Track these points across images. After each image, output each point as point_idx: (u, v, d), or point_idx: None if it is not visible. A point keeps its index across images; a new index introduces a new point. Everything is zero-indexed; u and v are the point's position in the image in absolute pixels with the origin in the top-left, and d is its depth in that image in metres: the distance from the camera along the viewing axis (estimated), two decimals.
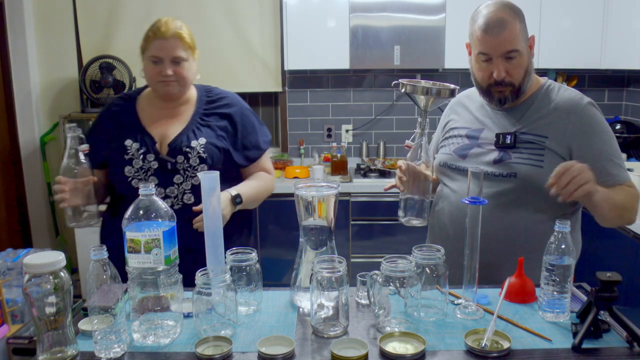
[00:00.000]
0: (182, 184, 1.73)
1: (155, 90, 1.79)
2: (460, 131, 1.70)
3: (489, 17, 1.51)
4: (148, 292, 1.17)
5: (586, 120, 1.55)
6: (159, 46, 1.73)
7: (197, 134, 1.78)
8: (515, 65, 1.53)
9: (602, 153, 1.53)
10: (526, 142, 1.57)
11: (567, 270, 1.23)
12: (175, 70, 1.74)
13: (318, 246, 1.34)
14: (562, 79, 3.65)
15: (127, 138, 1.75)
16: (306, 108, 3.89)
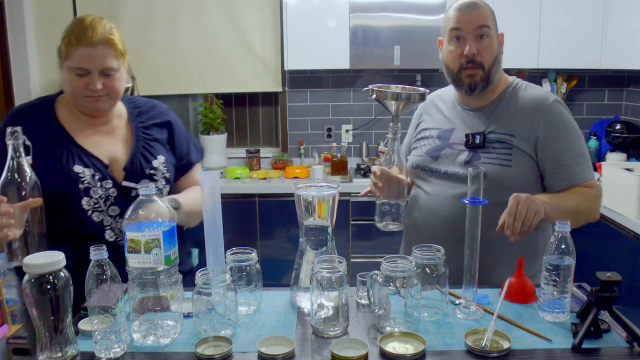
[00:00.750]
0: None
1: (80, 106, 1.51)
2: (431, 132, 1.71)
3: (462, 1, 1.60)
4: (148, 292, 1.17)
5: (551, 118, 1.57)
6: (86, 55, 1.43)
7: (152, 152, 1.60)
8: (485, 46, 1.58)
9: (566, 151, 1.54)
10: (495, 141, 1.59)
11: (567, 270, 1.23)
12: (105, 83, 1.46)
13: (318, 246, 1.34)
14: (562, 79, 3.65)
15: (73, 163, 1.47)
16: (306, 108, 3.89)
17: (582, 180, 1.54)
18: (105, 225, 1.51)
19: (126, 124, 1.62)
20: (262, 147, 3.98)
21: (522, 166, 1.55)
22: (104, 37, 1.46)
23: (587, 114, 3.83)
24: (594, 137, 3.57)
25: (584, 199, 1.54)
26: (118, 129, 1.60)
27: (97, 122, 1.56)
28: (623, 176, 2.65)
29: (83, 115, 1.54)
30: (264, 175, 3.58)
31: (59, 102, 1.56)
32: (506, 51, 3.70)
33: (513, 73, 3.77)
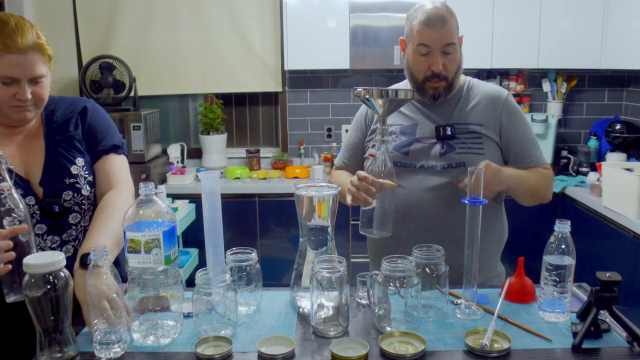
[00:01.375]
0: (79, 222, 1.44)
1: (2, 117, 1.36)
2: (392, 128, 1.70)
3: (430, 13, 1.59)
4: (148, 292, 1.17)
5: (510, 108, 1.67)
6: (14, 63, 1.29)
7: (69, 156, 1.44)
8: (451, 60, 1.60)
9: (525, 138, 1.67)
10: (464, 132, 1.64)
11: (567, 270, 1.23)
12: (34, 91, 1.33)
13: (318, 246, 1.34)
14: (562, 79, 3.65)
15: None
16: (306, 108, 3.89)
17: (540, 162, 1.67)
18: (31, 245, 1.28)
19: (39, 130, 1.47)
20: (262, 147, 3.98)
21: (492, 153, 1.64)
22: (34, 43, 1.32)
23: (587, 114, 3.84)
24: (594, 137, 3.57)
25: (543, 178, 1.65)
26: (33, 139, 1.45)
27: (14, 132, 1.41)
28: (623, 176, 2.65)
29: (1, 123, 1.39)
30: (264, 175, 3.58)
31: None
32: (506, 51, 3.70)
33: (513, 73, 3.80)
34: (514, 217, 3.08)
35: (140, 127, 3.36)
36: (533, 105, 3.79)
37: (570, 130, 3.86)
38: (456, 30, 1.61)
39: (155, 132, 3.60)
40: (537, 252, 1.44)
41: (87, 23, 3.67)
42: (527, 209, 1.82)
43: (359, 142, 1.79)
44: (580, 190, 3.16)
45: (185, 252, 3.27)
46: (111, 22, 3.64)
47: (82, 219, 1.46)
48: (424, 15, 1.59)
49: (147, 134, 3.44)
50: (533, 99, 3.78)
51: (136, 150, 3.38)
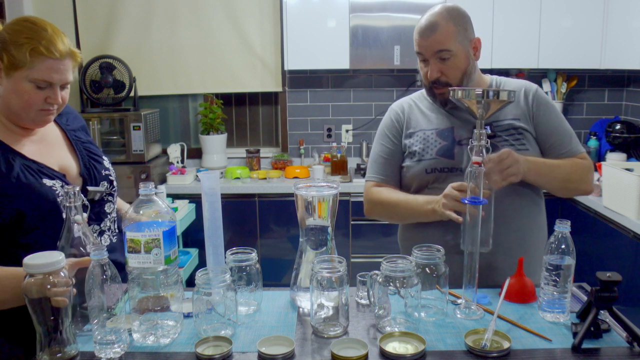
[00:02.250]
0: (111, 212, 1.52)
1: (25, 119, 1.36)
2: (427, 133, 1.66)
3: (422, 22, 1.60)
4: (148, 292, 1.17)
5: (541, 100, 1.66)
6: (54, 68, 1.32)
7: (97, 153, 1.54)
8: (449, 66, 1.58)
9: (558, 127, 1.64)
10: (503, 129, 1.61)
11: (567, 270, 1.23)
12: (62, 96, 1.38)
13: (318, 246, 1.34)
14: (562, 79, 3.65)
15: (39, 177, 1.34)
16: (306, 108, 3.89)
17: (574, 152, 1.63)
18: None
19: (54, 127, 1.50)
20: (262, 147, 3.98)
21: (534, 147, 1.62)
22: (71, 51, 1.37)
23: (587, 114, 3.84)
24: (594, 137, 3.57)
25: (577, 169, 1.61)
26: (48, 135, 1.47)
27: (29, 133, 1.42)
28: (623, 176, 2.65)
29: (13, 126, 1.38)
30: (264, 175, 3.58)
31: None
32: (506, 51, 3.70)
33: (513, 73, 3.80)
34: None
35: (140, 127, 3.36)
36: None
37: None
38: (455, 36, 1.57)
39: (155, 132, 3.61)
40: None
41: (87, 23, 3.67)
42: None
43: (395, 149, 1.71)
44: None
45: (185, 252, 3.28)
46: (111, 22, 3.64)
47: (113, 210, 1.54)
48: (418, 25, 1.61)
49: (147, 134, 3.44)
50: None
51: (136, 150, 3.38)
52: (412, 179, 1.67)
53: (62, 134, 1.51)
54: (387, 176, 1.71)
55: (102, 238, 1.48)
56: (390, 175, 1.71)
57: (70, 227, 1.21)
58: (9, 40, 1.30)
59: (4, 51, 1.30)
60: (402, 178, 1.71)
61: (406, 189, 1.70)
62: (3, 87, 1.33)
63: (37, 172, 1.35)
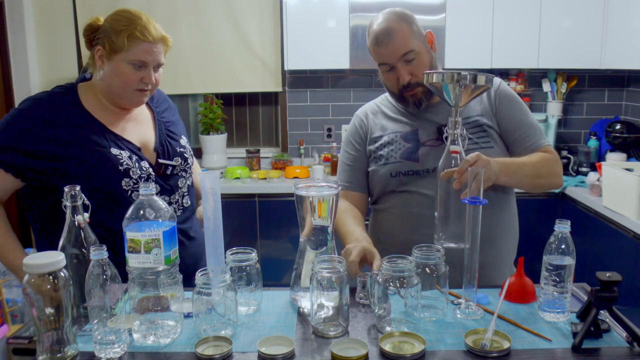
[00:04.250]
0: (182, 187, 1.67)
1: (123, 98, 1.56)
2: (391, 136, 1.66)
3: (376, 31, 1.57)
4: (148, 292, 1.17)
5: (503, 94, 1.64)
6: (147, 50, 1.51)
7: (175, 132, 1.70)
8: (417, 65, 1.57)
9: (522, 121, 1.62)
10: (468, 127, 1.59)
11: (567, 270, 1.23)
12: (155, 77, 1.57)
13: (318, 246, 1.34)
14: (562, 79, 3.65)
15: (109, 146, 1.52)
16: (306, 108, 3.89)
17: (540, 145, 1.61)
18: None
19: (145, 108, 1.70)
20: (262, 147, 3.98)
21: (500, 144, 1.61)
22: (163, 36, 1.56)
23: (587, 114, 3.84)
24: (594, 137, 3.57)
25: (545, 163, 1.57)
26: (140, 115, 1.66)
27: (124, 112, 1.61)
28: (623, 176, 2.65)
29: (110, 105, 1.59)
30: (264, 175, 3.58)
31: (81, 91, 1.59)
32: (506, 51, 3.70)
33: (513, 73, 3.80)
34: None
35: None
36: (533, 105, 3.79)
37: (570, 130, 3.86)
38: (412, 34, 1.56)
39: None
40: (537, 252, 1.44)
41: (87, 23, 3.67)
42: (526, 209, 1.82)
43: (359, 155, 1.72)
44: (580, 190, 3.16)
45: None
46: None
47: (183, 186, 1.67)
48: (372, 35, 1.58)
49: None
50: (533, 99, 3.78)
51: None
52: (377, 183, 1.68)
53: (151, 115, 1.70)
54: (352, 183, 1.72)
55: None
56: (355, 182, 1.72)
57: (72, 226, 1.21)
58: (109, 29, 1.54)
59: (105, 38, 1.53)
60: (369, 183, 1.72)
61: (372, 193, 1.72)
62: (104, 70, 1.54)
63: (109, 142, 1.53)
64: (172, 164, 1.63)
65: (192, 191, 1.74)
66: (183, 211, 1.67)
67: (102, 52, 1.53)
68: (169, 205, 1.53)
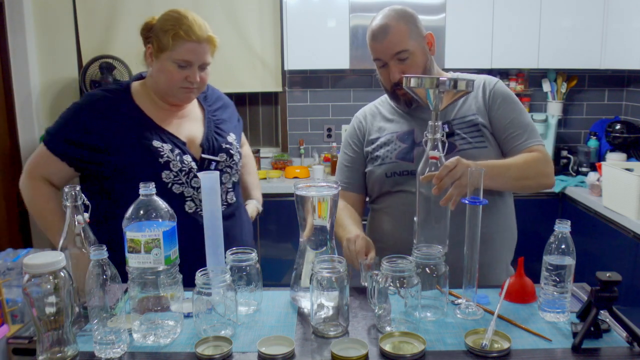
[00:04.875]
0: (226, 183, 1.69)
1: (170, 95, 1.63)
2: (388, 137, 1.67)
3: (374, 27, 1.59)
4: (148, 292, 1.17)
5: (498, 93, 1.63)
6: (191, 50, 1.56)
7: (224, 129, 1.73)
8: (410, 65, 1.58)
9: (514, 120, 1.60)
10: (463, 127, 1.60)
11: (567, 270, 1.23)
12: (201, 76, 1.61)
13: (318, 246, 1.34)
14: (562, 79, 3.65)
15: (150, 139, 1.58)
16: (306, 108, 3.89)
17: (529, 144, 1.58)
18: (186, 196, 1.60)
19: (197, 106, 1.75)
20: (262, 147, 3.98)
21: (494, 144, 1.61)
22: (209, 35, 1.60)
23: (587, 114, 3.84)
24: (594, 137, 3.57)
25: (532, 164, 1.54)
26: (191, 112, 1.71)
27: (176, 109, 1.67)
28: (623, 176, 2.65)
29: (162, 102, 1.65)
30: (264, 175, 3.58)
31: (134, 89, 1.67)
32: (506, 51, 3.70)
33: (513, 73, 3.80)
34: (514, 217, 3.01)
35: None
36: (533, 105, 3.79)
37: (570, 130, 3.86)
38: (408, 34, 1.56)
39: None
40: (537, 252, 1.44)
41: (87, 23, 3.67)
42: (526, 209, 1.82)
43: (357, 157, 1.74)
44: (580, 190, 3.16)
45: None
46: (111, 22, 3.65)
47: (228, 182, 1.69)
48: (370, 31, 1.60)
49: None
50: (533, 99, 3.78)
51: None
52: (374, 184, 1.70)
53: (202, 113, 1.74)
54: (350, 183, 1.73)
55: None
56: (352, 183, 1.74)
57: (72, 226, 1.21)
58: (158, 28, 1.59)
59: (154, 37, 1.59)
60: (366, 183, 1.74)
61: (370, 193, 1.74)
62: (153, 68, 1.62)
63: (153, 135, 1.58)
64: (215, 159, 1.65)
65: (237, 188, 1.77)
66: (227, 207, 1.68)
67: (151, 50, 1.61)
68: None
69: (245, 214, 1.84)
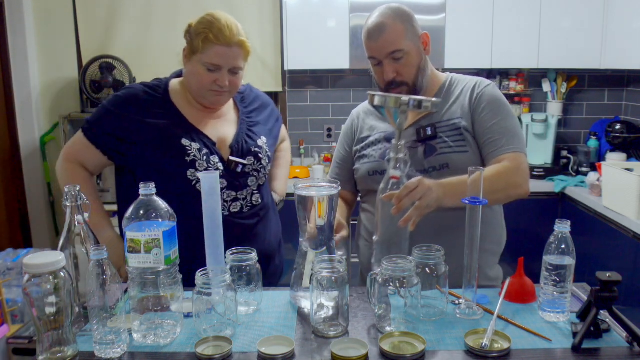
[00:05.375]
0: (253, 185, 1.69)
1: (201, 97, 1.63)
2: (376, 136, 1.68)
3: (370, 25, 1.58)
4: (148, 292, 1.17)
5: (485, 96, 1.61)
6: (221, 53, 1.56)
7: (256, 133, 1.72)
8: (404, 64, 1.57)
9: (495, 125, 1.57)
10: (447, 130, 1.60)
11: (567, 270, 1.23)
12: (231, 80, 1.59)
13: (318, 246, 1.34)
14: (562, 79, 3.65)
15: (180, 137, 1.59)
16: (306, 108, 3.89)
17: (503, 152, 1.54)
18: None
19: (233, 108, 1.75)
20: None
21: (475, 149, 1.59)
22: (240, 40, 1.58)
23: (587, 114, 3.84)
24: (594, 137, 3.57)
25: (500, 176, 1.48)
26: (227, 114, 1.72)
27: (209, 111, 1.67)
28: (623, 176, 2.65)
29: (197, 103, 1.66)
30: None
31: (172, 87, 1.69)
32: (506, 51, 3.69)
33: (513, 73, 3.79)
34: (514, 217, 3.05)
35: None
36: (533, 105, 3.79)
37: (570, 130, 3.86)
38: (404, 33, 1.56)
39: None
40: (537, 252, 1.44)
41: (87, 23, 3.67)
42: (526, 209, 1.82)
43: (347, 155, 1.79)
44: (580, 190, 3.16)
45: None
46: (111, 22, 3.64)
47: (253, 185, 1.69)
48: (366, 28, 1.60)
49: None
50: (533, 99, 3.78)
51: None
52: (360, 182, 1.73)
53: (236, 114, 1.74)
54: (340, 180, 1.70)
55: (234, 204, 1.64)
56: (343, 180, 1.76)
57: (72, 226, 1.21)
58: (192, 31, 1.61)
59: (188, 39, 1.61)
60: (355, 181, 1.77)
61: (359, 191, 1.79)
62: (186, 69, 1.63)
63: (183, 132, 1.59)
64: (242, 162, 1.64)
65: (264, 190, 1.76)
66: (251, 208, 1.70)
67: (186, 52, 1.62)
68: (236, 202, 1.64)
69: (275, 214, 1.87)
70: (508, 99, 1.62)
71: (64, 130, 3.53)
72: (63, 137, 3.54)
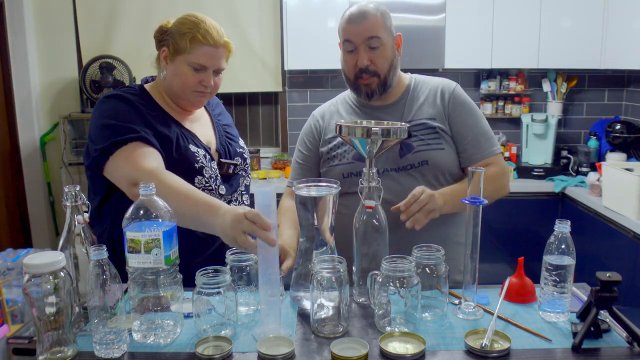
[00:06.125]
0: (241, 186, 1.71)
1: (182, 98, 1.59)
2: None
3: (352, 11, 1.61)
4: (148, 292, 1.17)
5: (457, 100, 1.66)
6: (208, 54, 1.54)
7: (233, 134, 1.75)
8: (378, 55, 1.59)
9: (474, 128, 1.64)
10: (420, 129, 1.62)
11: (567, 270, 1.23)
12: (215, 81, 1.60)
13: (318, 246, 1.34)
14: (562, 79, 3.65)
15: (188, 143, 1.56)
16: (306, 108, 3.88)
17: (487, 155, 1.63)
18: None
19: (204, 112, 1.75)
20: (262, 147, 3.98)
21: (451, 145, 1.63)
22: (225, 41, 1.59)
23: (587, 114, 3.84)
24: (594, 137, 3.57)
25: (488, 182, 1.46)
26: (201, 117, 1.71)
27: (185, 113, 1.65)
28: (623, 176, 2.65)
29: (175, 105, 1.63)
30: (264, 175, 3.58)
31: (149, 90, 1.62)
32: (506, 51, 3.69)
33: (513, 73, 3.79)
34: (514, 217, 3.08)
35: None
36: (533, 105, 3.79)
37: (570, 130, 3.86)
38: (383, 27, 1.59)
39: None
40: (537, 252, 1.44)
41: (87, 23, 3.67)
42: (526, 209, 1.82)
43: (311, 155, 1.75)
44: (580, 190, 3.16)
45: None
46: (111, 22, 3.65)
47: (242, 185, 1.70)
48: (347, 13, 1.62)
49: None
50: (533, 99, 3.78)
51: None
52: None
53: (209, 118, 1.75)
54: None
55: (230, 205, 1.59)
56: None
57: (72, 226, 1.21)
58: (174, 31, 1.57)
59: (170, 40, 1.56)
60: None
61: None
62: (167, 71, 1.58)
63: (188, 139, 1.57)
64: (234, 163, 1.66)
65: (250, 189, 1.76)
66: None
67: (166, 53, 1.57)
68: (230, 204, 1.57)
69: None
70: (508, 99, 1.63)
71: (64, 130, 3.53)
72: (63, 137, 3.54)
